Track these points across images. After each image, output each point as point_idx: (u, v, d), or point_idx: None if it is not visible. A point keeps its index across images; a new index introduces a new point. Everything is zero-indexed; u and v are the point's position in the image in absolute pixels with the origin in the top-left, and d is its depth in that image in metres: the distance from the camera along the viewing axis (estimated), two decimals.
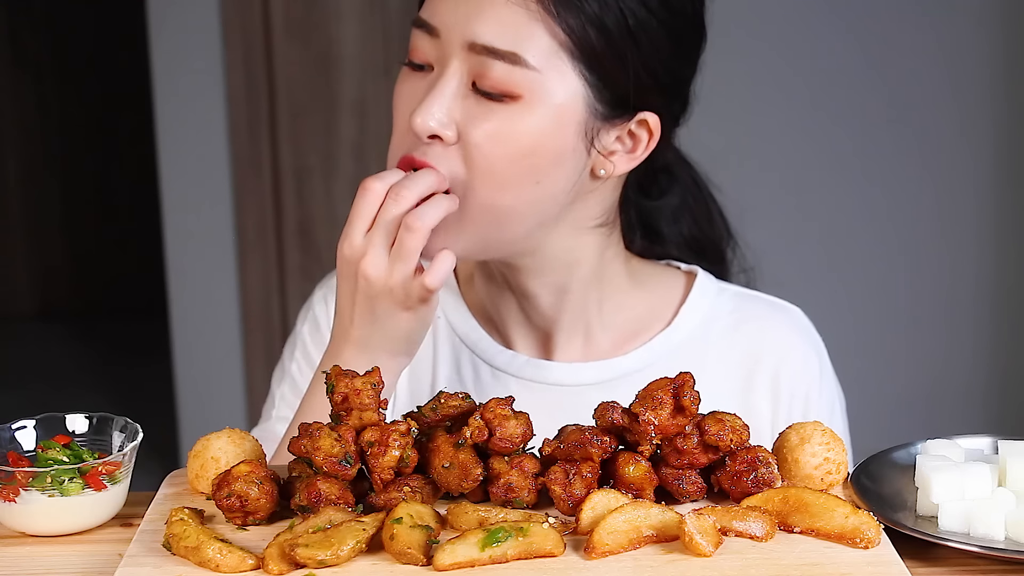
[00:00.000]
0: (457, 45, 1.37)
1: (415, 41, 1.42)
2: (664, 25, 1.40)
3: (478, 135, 1.37)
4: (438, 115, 1.38)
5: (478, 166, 1.38)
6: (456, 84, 1.38)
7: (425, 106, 1.37)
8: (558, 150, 1.39)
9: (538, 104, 1.37)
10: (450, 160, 1.39)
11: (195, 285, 3.96)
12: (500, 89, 1.36)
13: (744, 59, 3.62)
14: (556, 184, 1.41)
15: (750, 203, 3.83)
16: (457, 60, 1.38)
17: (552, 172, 1.40)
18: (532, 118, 1.37)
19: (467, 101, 1.38)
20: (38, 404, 3.28)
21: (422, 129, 1.38)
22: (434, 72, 1.40)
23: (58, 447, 1.26)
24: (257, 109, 3.85)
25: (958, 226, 3.80)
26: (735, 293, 1.60)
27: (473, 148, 1.38)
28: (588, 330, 1.54)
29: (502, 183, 1.39)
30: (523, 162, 1.38)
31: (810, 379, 1.56)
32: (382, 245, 1.36)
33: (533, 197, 1.41)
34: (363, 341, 1.40)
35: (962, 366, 3.85)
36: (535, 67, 1.36)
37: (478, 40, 1.36)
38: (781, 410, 1.54)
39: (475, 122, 1.37)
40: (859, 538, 1.14)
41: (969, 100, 3.71)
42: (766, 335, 1.56)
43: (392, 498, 1.18)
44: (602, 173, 1.44)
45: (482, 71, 1.36)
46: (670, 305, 1.57)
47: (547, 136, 1.38)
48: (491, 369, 1.55)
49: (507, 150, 1.38)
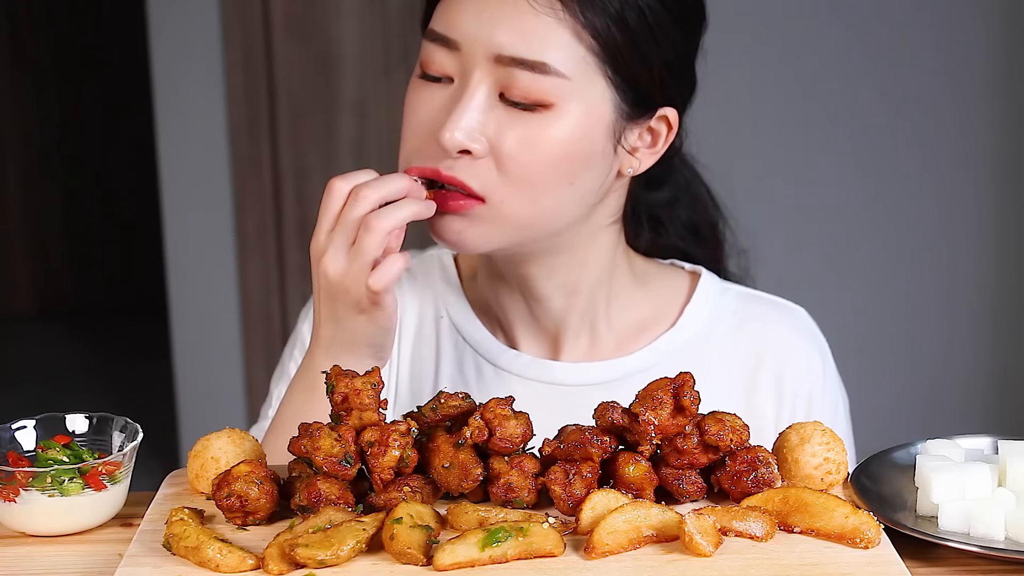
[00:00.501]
0: (481, 57, 1.36)
1: (430, 54, 1.40)
2: (675, 16, 1.41)
3: (511, 145, 1.37)
4: (467, 130, 1.36)
5: (513, 175, 1.38)
6: (483, 97, 1.37)
7: (453, 121, 1.36)
8: (589, 153, 1.40)
9: (569, 110, 1.37)
10: (480, 172, 1.38)
11: (195, 285, 3.96)
12: (531, 99, 1.36)
13: (744, 59, 3.62)
14: (587, 184, 1.42)
15: (750, 203, 3.84)
16: (481, 72, 1.37)
17: (583, 173, 1.41)
18: (564, 124, 1.37)
19: (495, 112, 1.37)
20: (38, 404, 3.28)
21: (452, 144, 1.36)
22: (455, 85, 1.39)
23: (58, 447, 1.26)
24: (257, 109, 3.85)
25: (958, 225, 3.80)
26: (739, 293, 1.60)
27: (507, 158, 1.37)
28: (594, 330, 1.54)
29: (539, 189, 1.39)
30: (557, 167, 1.38)
31: (813, 379, 1.56)
32: (342, 245, 1.36)
33: (567, 198, 1.41)
34: (327, 341, 1.41)
35: (962, 366, 3.85)
36: (564, 74, 1.36)
37: (504, 52, 1.35)
38: (784, 410, 1.54)
39: (507, 133, 1.37)
40: (859, 538, 1.14)
41: (969, 99, 3.71)
42: (770, 335, 1.56)
43: (392, 498, 1.18)
44: (629, 171, 1.45)
45: (510, 82, 1.36)
46: (674, 305, 1.57)
47: (579, 141, 1.38)
48: (494, 368, 1.55)
49: (541, 157, 1.37)
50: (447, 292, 1.59)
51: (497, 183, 1.38)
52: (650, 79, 1.40)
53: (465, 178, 1.38)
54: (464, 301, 1.59)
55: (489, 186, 1.38)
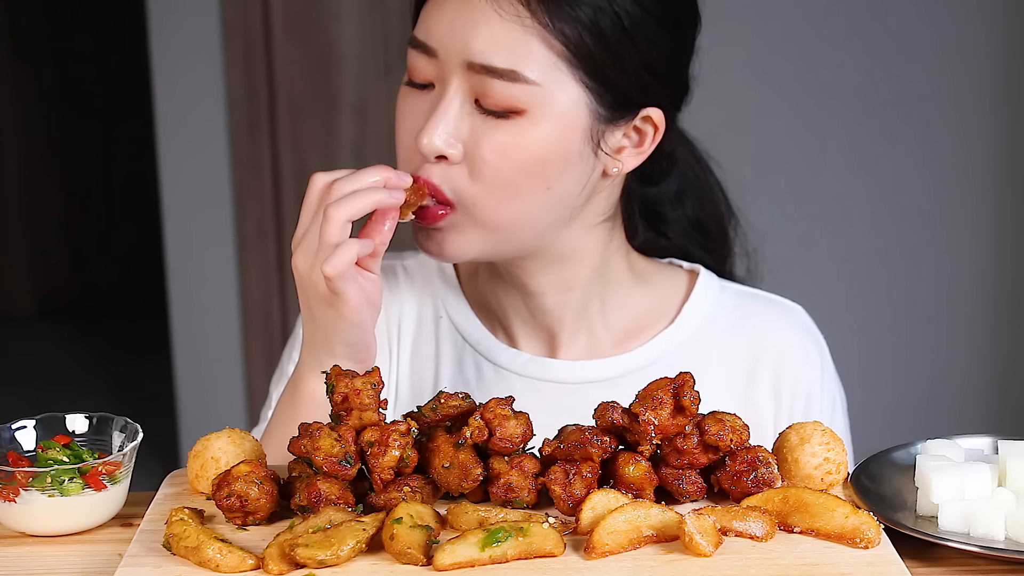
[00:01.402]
0: (456, 64, 1.37)
1: (413, 61, 1.41)
2: (659, 20, 1.40)
3: (486, 151, 1.38)
4: (443, 135, 1.38)
5: (487, 180, 1.38)
6: (459, 103, 1.38)
7: (430, 127, 1.38)
8: (566, 157, 1.40)
9: (542, 116, 1.37)
10: (453, 178, 1.39)
11: (195, 285, 3.96)
12: (503, 106, 1.37)
13: (744, 59, 3.62)
14: (566, 187, 1.42)
15: (750, 204, 3.83)
16: (457, 79, 1.38)
17: (561, 177, 1.41)
18: (538, 130, 1.37)
19: (472, 119, 1.38)
20: (38, 404, 3.28)
21: (429, 150, 1.38)
22: (435, 91, 1.40)
23: (58, 447, 1.26)
24: (257, 109, 3.85)
25: (958, 225, 3.80)
26: (737, 291, 1.60)
27: (482, 164, 1.38)
28: (591, 328, 1.55)
29: (513, 194, 1.40)
30: (532, 172, 1.39)
31: (812, 377, 1.56)
32: (312, 238, 1.36)
33: (545, 202, 1.42)
34: (308, 339, 1.42)
35: (962, 366, 3.85)
36: (535, 81, 1.36)
37: (476, 59, 1.36)
38: (783, 408, 1.54)
39: (482, 139, 1.38)
40: (859, 538, 1.14)
41: (970, 100, 3.71)
42: (768, 333, 1.57)
43: (392, 498, 1.18)
44: (614, 171, 1.45)
45: (483, 90, 1.37)
46: (673, 303, 1.57)
47: (553, 146, 1.39)
48: (494, 367, 1.55)
49: (515, 163, 1.38)
50: (446, 292, 1.60)
51: (469, 189, 1.39)
52: (627, 82, 1.40)
53: (439, 183, 1.39)
54: (463, 301, 1.59)
55: (461, 192, 1.39)
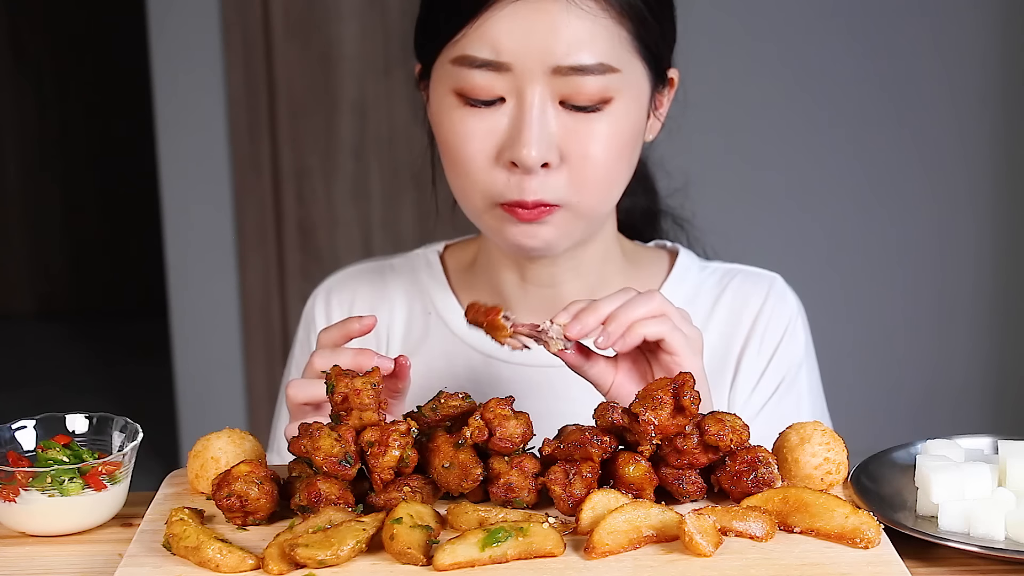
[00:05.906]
0: (537, 73, 1.37)
1: (474, 80, 1.38)
2: None
3: (587, 146, 1.39)
4: (543, 144, 1.37)
5: (588, 176, 1.40)
6: (548, 109, 1.38)
7: (527, 140, 1.37)
8: (639, 132, 1.45)
9: (626, 97, 1.40)
10: (555, 183, 1.40)
11: (195, 285, 3.97)
12: (596, 100, 1.38)
13: (744, 62, 3.62)
14: (635, 161, 1.47)
15: (751, 206, 3.84)
16: (540, 86, 1.37)
17: (636, 153, 1.46)
18: (626, 112, 1.41)
19: (560, 119, 1.39)
20: (38, 404, 3.28)
21: (533, 161, 1.37)
22: (510, 104, 1.39)
23: (58, 447, 1.26)
24: (257, 109, 3.85)
25: (957, 226, 3.80)
26: (716, 268, 1.64)
27: (584, 160, 1.39)
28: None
29: (614, 181, 1.44)
30: (625, 154, 1.43)
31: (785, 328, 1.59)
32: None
33: (626, 180, 1.47)
34: None
35: (961, 366, 3.86)
36: (618, 68, 1.38)
37: (563, 63, 1.36)
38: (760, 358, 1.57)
39: (581, 135, 1.39)
40: (859, 538, 1.14)
41: (968, 102, 3.72)
42: (748, 298, 1.60)
43: (392, 498, 1.18)
44: (649, 138, 1.50)
45: (572, 90, 1.37)
46: (655, 283, 1.60)
47: (638, 123, 1.43)
48: (483, 356, 1.56)
49: (616, 149, 1.41)
50: (434, 288, 1.62)
51: (571, 188, 1.40)
52: (664, 45, 1.44)
53: (544, 195, 1.39)
54: (451, 295, 1.61)
55: (564, 193, 1.40)
